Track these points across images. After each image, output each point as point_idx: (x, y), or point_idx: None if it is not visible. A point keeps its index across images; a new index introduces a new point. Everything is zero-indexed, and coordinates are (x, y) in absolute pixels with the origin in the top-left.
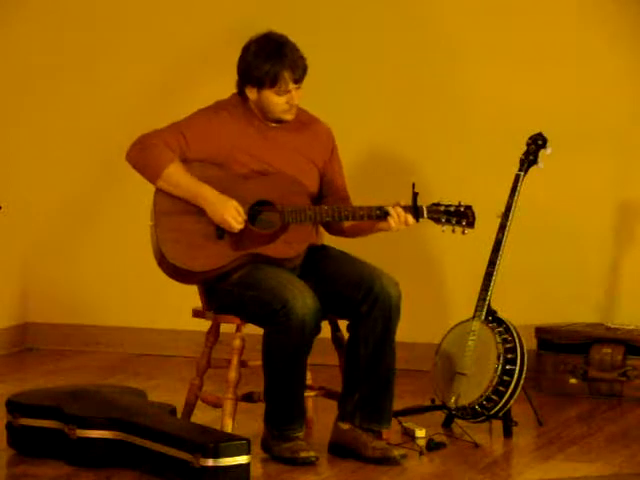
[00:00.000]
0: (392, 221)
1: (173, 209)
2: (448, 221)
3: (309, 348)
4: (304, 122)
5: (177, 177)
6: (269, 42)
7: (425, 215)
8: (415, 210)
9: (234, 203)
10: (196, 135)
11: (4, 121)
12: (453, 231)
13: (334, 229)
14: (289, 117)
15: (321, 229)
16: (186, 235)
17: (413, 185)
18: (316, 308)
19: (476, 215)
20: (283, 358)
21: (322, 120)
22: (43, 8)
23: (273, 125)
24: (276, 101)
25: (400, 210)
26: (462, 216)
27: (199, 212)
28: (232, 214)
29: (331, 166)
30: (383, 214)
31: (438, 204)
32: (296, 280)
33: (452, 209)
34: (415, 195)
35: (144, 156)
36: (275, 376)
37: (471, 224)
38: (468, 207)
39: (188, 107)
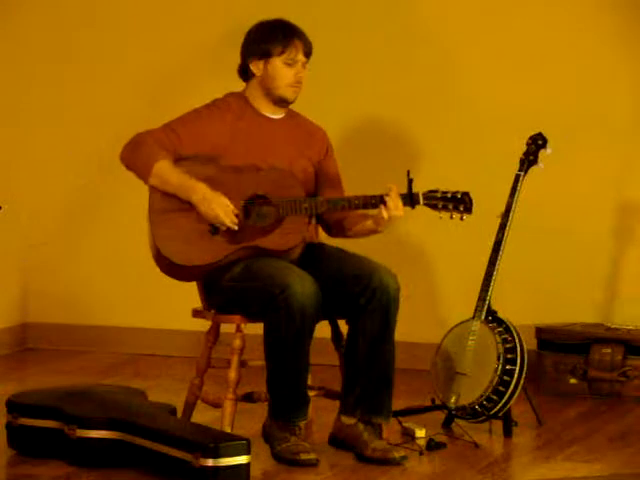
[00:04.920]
0: (389, 204)
1: (168, 207)
2: (445, 207)
3: (310, 334)
4: (299, 121)
5: (167, 174)
6: (277, 20)
7: (421, 202)
8: (411, 197)
9: (225, 200)
10: (189, 131)
11: (4, 121)
12: (451, 217)
13: (334, 230)
14: (292, 95)
15: (319, 228)
16: (181, 232)
17: (408, 172)
18: (315, 292)
19: (474, 202)
20: (285, 345)
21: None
22: (44, 8)
23: (270, 117)
24: (284, 73)
25: (396, 196)
26: (459, 202)
27: (193, 209)
28: (225, 211)
29: (326, 165)
30: (379, 202)
31: (435, 190)
32: (294, 267)
33: (449, 195)
34: (410, 182)
35: (134, 155)
36: (277, 364)
37: (468, 210)
38: (465, 193)
39: (188, 108)
